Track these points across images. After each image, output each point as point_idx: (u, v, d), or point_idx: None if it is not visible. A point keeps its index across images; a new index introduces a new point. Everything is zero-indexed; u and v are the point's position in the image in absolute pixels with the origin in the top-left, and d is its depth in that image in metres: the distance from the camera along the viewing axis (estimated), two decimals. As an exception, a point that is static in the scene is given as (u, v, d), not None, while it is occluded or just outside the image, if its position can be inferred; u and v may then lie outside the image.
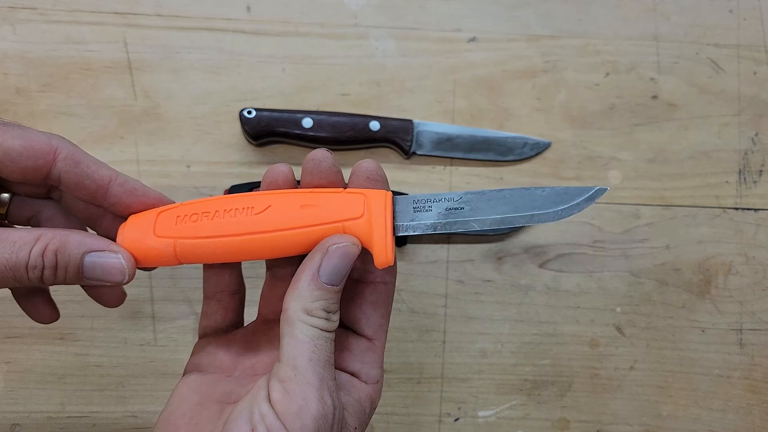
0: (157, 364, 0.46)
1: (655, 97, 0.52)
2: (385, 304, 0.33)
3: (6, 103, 0.48)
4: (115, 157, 0.48)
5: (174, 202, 0.32)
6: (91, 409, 0.46)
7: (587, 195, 0.32)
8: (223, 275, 0.34)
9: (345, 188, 0.32)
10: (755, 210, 0.51)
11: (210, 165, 0.49)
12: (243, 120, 0.47)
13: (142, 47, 0.50)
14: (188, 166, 0.49)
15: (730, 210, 0.51)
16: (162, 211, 0.31)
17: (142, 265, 0.31)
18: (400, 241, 0.47)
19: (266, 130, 0.47)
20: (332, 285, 0.29)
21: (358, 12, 0.52)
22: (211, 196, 0.48)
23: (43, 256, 0.28)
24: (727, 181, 0.52)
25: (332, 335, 0.29)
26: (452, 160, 0.50)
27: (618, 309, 0.49)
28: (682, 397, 0.49)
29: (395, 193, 0.32)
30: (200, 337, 0.35)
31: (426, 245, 0.49)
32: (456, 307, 0.48)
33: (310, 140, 0.48)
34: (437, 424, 0.47)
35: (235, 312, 0.35)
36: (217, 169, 0.49)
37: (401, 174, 0.50)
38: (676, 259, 0.50)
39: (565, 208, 0.32)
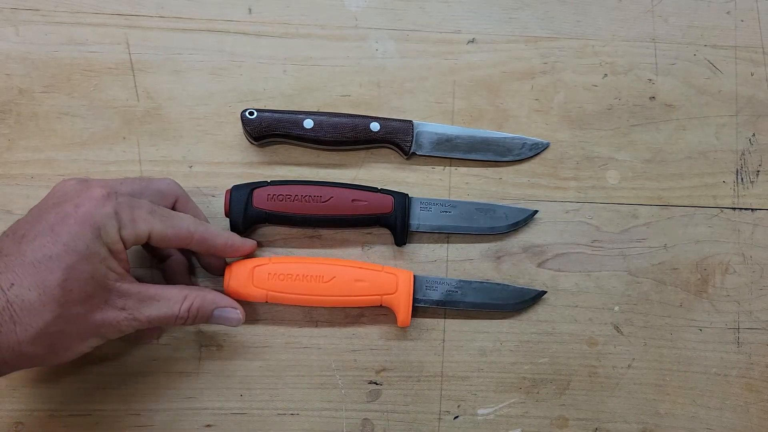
0: (160, 363, 0.47)
1: (652, 97, 0.53)
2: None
3: (9, 104, 0.49)
4: (118, 157, 0.48)
5: (253, 247, 0.46)
6: (94, 407, 0.46)
7: (534, 295, 0.49)
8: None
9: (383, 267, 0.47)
10: (752, 210, 0.52)
11: (211, 165, 0.49)
12: (244, 121, 0.47)
13: (144, 48, 0.50)
14: (190, 167, 0.49)
15: (728, 210, 0.52)
16: (256, 266, 0.45)
17: (241, 299, 0.45)
18: (400, 242, 0.48)
19: (267, 131, 0.48)
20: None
21: (359, 14, 0.52)
22: (212, 196, 0.48)
23: (189, 311, 0.40)
24: (724, 182, 0.52)
25: None
26: (452, 160, 0.51)
27: (616, 308, 0.50)
28: (680, 395, 0.49)
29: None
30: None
31: (426, 245, 0.49)
32: (457, 311, 0.49)
33: (310, 141, 0.48)
34: (437, 422, 0.48)
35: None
36: (218, 170, 0.49)
37: (401, 174, 0.50)
38: (674, 259, 0.51)
39: (518, 302, 0.48)
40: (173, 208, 0.43)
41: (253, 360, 0.47)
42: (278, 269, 0.45)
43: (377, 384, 0.48)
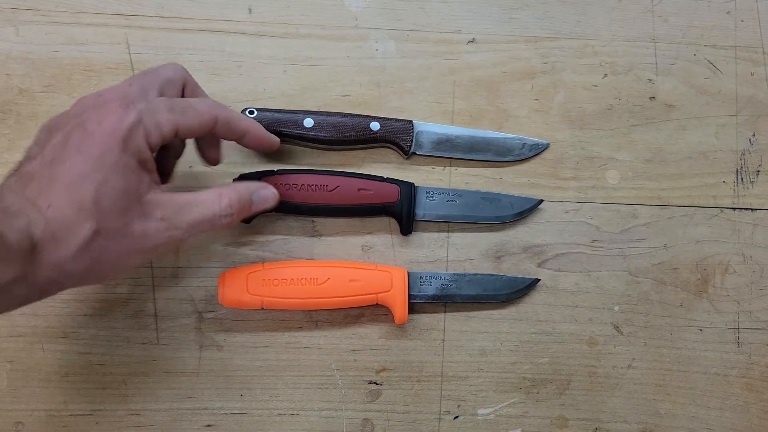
0: (160, 363, 0.47)
1: (653, 98, 0.53)
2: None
3: (9, 104, 0.49)
4: (118, 157, 0.48)
5: (275, 144, 0.46)
6: (94, 407, 0.46)
7: (528, 284, 0.49)
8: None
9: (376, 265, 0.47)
10: (752, 210, 0.52)
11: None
12: (244, 120, 0.47)
13: (144, 48, 0.50)
14: (190, 167, 0.49)
15: (728, 210, 0.52)
16: (250, 273, 0.45)
17: (238, 308, 0.46)
18: (406, 231, 0.49)
19: (268, 130, 0.48)
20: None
21: (359, 14, 0.52)
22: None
23: (230, 206, 0.40)
24: (724, 181, 0.52)
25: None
26: (452, 160, 0.51)
27: (616, 308, 0.50)
28: (680, 395, 0.49)
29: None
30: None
31: (426, 244, 0.49)
32: (455, 306, 0.49)
33: (311, 140, 0.48)
34: (437, 422, 0.48)
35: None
36: (218, 169, 0.49)
37: (401, 174, 0.50)
38: (674, 259, 0.51)
39: (513, 292, 0.48)
40: (183, 94, 0.42)
41: (253, 360, 0.47)
42: (272, 275, 0.45)
43: (377, 384, 0.48)
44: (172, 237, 0.37)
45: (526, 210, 0.49)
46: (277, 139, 0.46)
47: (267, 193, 0.43)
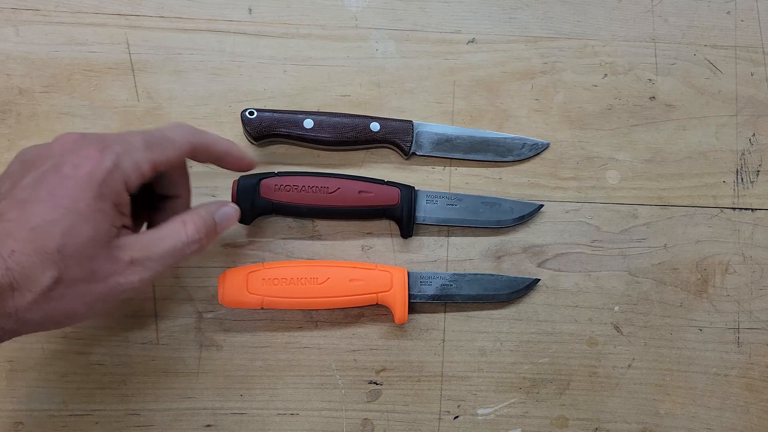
0: (159, 363, 0.47)
1: (653, 97, 0.53)
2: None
3: (9, 104, 0.49)
4: (118, 157, 0.48)
5: (253, 164, 0.45)
6: (93, 407, 0.46)
7: (528, 284, 0.49)
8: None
9: (377, 265, 0.47)
10: (752, 210, 0.52)
11: (211, 165, 0.49)
12: (244, 121, 0.48)
13: (145, 48, 0.50)
14: (190, 167, 0.49)
15: (728, 210, 0.52)
16: (250, 272, 0.45)
17: (238, 308, 0.46)
18: (407, 234, 0.48)
19: (267, 131, 0.48)
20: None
21: (359, 14, 0.52)
22: (212, 196, 0.48)
23: (196, 231, 0.39)
24: (724, 181, 0.52)
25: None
26: (452, 160, 0.51)
27: (616, 308, 0.50)
28: (680, 395, 0.49)
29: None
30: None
31: (426, 244, 0.49)
32: (455, 306, 0.49)
33: (311, 141, 0.48)
34: (437, 421, 0.48)
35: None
36: (218, 170, 0.49)
37: (401, 174, 0.50)
38: (674, 259, 0.51)
39: (513, 292, 0.48)
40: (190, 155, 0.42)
41: (253, 360, 0.47)
42: (272, 274, 0.45)
43: (377, 384, 0.48)
44: (142, 279, 0.37)
45: (526, 215, 0.49)
46: (255, 160, 0.45)
47: (228, 210, 0.42)
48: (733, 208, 0.52)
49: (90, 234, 0.35)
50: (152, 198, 0.43)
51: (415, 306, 0.48)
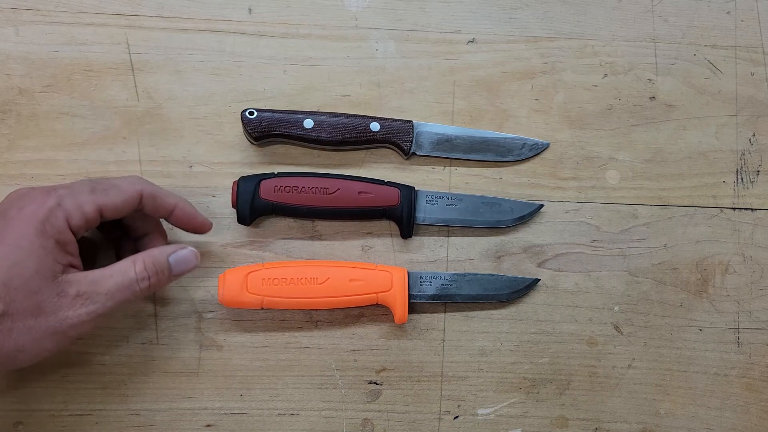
0: (159, 363, 0.47)
1: (652, 97, 0.53)
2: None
3: (9, 104, 0.49)
4: (118, 157, 0.49)
5: (207, 226, 0.45)
6: (94, 407, 0.46)
7: (528, 284, 0.49)
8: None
9: (377, 265, 0.47)
10: (752, 210, 0.52)
11: (212, 165, 0.49)
12: (244, 121, 0.47)
13: (145, 48, 0.50)
14: (190, 167, 0.49)
15: (728, 210, 0.52)
16: (250, 272, 0.45)
17: (238, 308, 0.46)
18: (407, 235, 0.48)
19: (267, 131, 0.48)
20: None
21: (359, 14, 0.52)
22: (212, 196, 0.48)
23: (145, 269, 0.39)
24: (724, 182, 0.52)
25: None
26: (452, 160, 0.51)
27: (616, 308, 0.50)
28: (680, 395, 0.49)
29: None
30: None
31: (426, 244, 0.49)
32: (455, 306, 0.49)
33: (311, 141, 0.48)
34: (437, 421, 0.48)
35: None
36: (218, 170, 0.49)
37: (401, 174, 0.50)
38: (674, 259, 0.51)
39: (513, 292, 0.48)
40: (139, 205, 0.42)
41: (253, 360, 0.47)
42: (272, 274, 0.45)
43: (377, 384, 0.48)
44: (90, 312, 0.37)
45: (526, 215, 0.49)
46: (210, 223, 0.45)
47: (186, 254, 0.42)
48: (733, 208, 0.52)
49: (34, 267, 0.36)
50: (135, 244, 0.45)
51: (415, 306, 0.48)
